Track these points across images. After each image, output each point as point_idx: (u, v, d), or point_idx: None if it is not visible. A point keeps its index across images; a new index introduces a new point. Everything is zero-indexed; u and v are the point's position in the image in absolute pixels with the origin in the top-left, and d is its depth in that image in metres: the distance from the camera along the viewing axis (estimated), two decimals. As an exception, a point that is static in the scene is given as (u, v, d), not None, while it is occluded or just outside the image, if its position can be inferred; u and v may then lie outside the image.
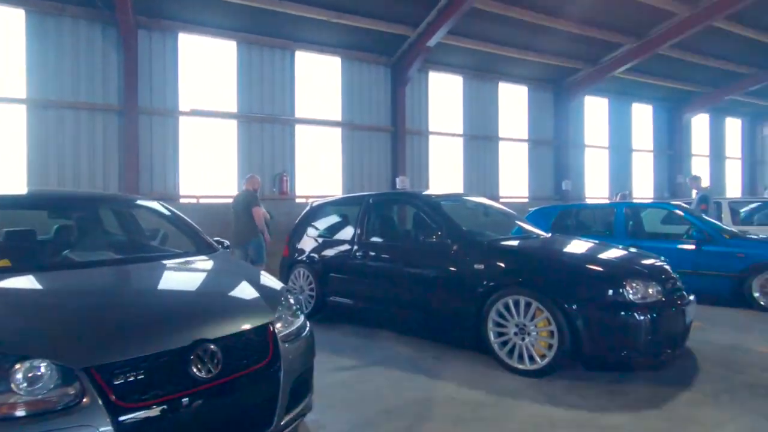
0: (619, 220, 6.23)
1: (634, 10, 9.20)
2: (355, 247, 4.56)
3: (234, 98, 8.47)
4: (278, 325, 2.22)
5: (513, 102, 11.83)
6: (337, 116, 9.52)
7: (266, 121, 8.68)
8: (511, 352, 3.29)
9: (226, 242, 3.37)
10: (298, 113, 9.06)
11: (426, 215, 4.08)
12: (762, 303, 5.12)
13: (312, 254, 5.08)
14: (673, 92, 13.72)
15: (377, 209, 4.77)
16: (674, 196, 13.85)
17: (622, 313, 2.92)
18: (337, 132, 9.55)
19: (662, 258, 3.74)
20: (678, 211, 5.88)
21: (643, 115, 14.35)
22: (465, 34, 9.47)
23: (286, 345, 2.18)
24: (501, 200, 11.31)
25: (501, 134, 11.51)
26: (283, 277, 5.44)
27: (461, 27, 9.16)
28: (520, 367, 3.22)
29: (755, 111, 16.33)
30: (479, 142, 11.17)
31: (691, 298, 3.41)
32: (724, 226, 6.04)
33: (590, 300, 3.00)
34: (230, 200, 8.54)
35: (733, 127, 16.77)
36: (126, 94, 7.37)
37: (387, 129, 9.92)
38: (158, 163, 7.77)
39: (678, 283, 3.42)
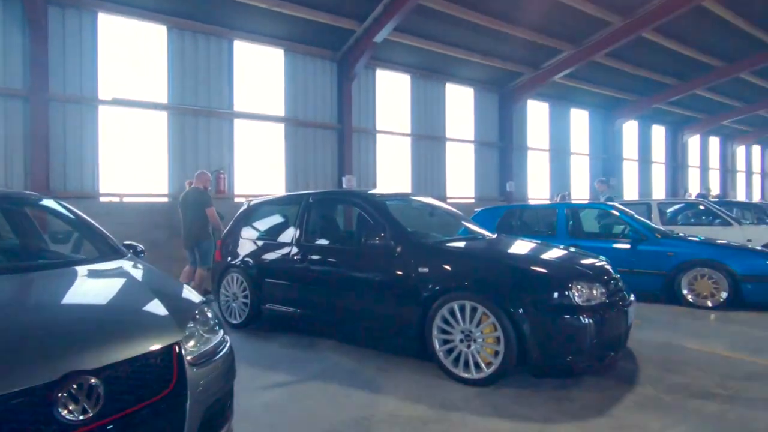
0: (560, 221, 6.33)
1: (574, 17, 9.53)
2: (294, 250, 4.22)
3: (164, 88, 7.76)
4: (189, 345, 1.87)
5: (460, 103, 11.92)
6: (280, 111, 9.05)
7: (201, 114, 8.04)
8: (456, 360, 3.12)
9: (140, 246, 2.94)
10: (238, 107, 8.50)
11: (368, 215, 3.82)
12: (690, 299, 5.37)
13: (246, 258, 4.66)
14: (607, 99, 14.50)
15: (318, 209, 4.45)
16: (608, 198, 14.63)
17: (568, 316, 2.82)
18: (280, 128, 9.08)
19: (603, 258, 3.74)
20: (614, 212, 6.06)
21: (580, 120, 15.05)
22: (412, 32, 9.35)
23: (195, 369, 1.83)
24: (448, 201, 11.34)
25: (448, 135, 11.55)
26: (216, 283, 4.97)
27: (408, 24, 9.03)
28: (466, 376, 3.05)
29: (677, 119, 17.70)
30: (427, 142, 11.13)
31: (632, 298, 3.41)
32: (657, 226, 6.32)
33: (536, 304, 2.88)
34: (161, 199, 7.93)
35: (658, 133, 18.08)
36: (33, 77, 6.49)
37: (333, 126, 9.58)
38: (73, 158, 6.93)
39: (620, 283, 3.41)
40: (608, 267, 3.49)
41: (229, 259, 4.85)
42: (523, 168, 13.20)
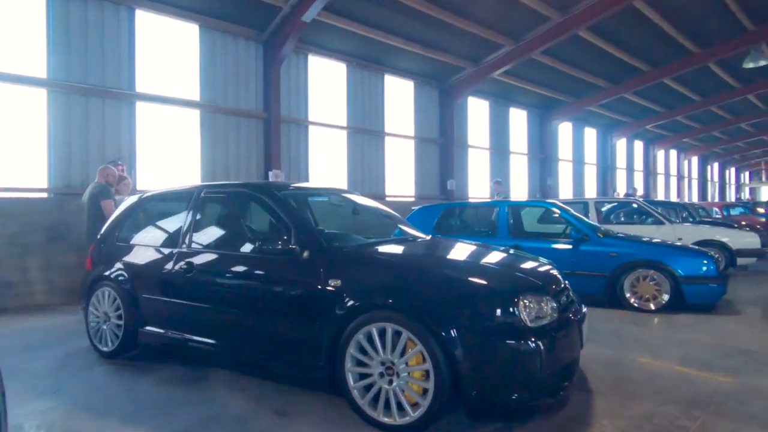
0: (501, 220, 5.87)
1: (514, 10, 9.26)
2: (180, 258, 3.30)
3: (43, 61, 6.40)
4: None
5: (399, 97, 11.34)
6: (195, 96, 7.93)
7: (93, 94, 6.75)
8: (376, 399, 2.41)
9: None
10: (141, 87, 7.27)
11: (270, 212, 3.01)
12: (633, 302, 5.08)
13: (122, 268, 3.66)
14: (544, 99, 14.63)
15: (211, 206, 3.57)
16: (545, 197, 14.80)
17: (514, 341, 2.21)
18: (195, 114, 7.95)
19: (548, 261, 3.22)
20: (555, 210, 5.70)
21: (519, 120, 15.09)
22: (348, 15, 8.60)
23: None
24: (387, 199, 10.72)
25: (387, 129, 10.92)
26: (84, 299, 3.91)
27: (344, 6, 8.27)
28: (387, 420, 2.35)
29: (607, 122, 18.42)
30: (364, 136, 10.42)
31: (584, 310, 2.90)
32: (599, 225, 6.05)
33: (474, 326, 2.24)
34: (39, 194, 6.56)
35: (590, 135, 18.73)
36: None
37: (259, 115, 8.59)
38: None
39: (570, 293, 2.88)
40: (556, 273, 2.96)
41: (102, 269, 3.81)
42: (464, 166, 12.91)
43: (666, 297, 4.94)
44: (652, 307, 4.98)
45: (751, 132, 23.63)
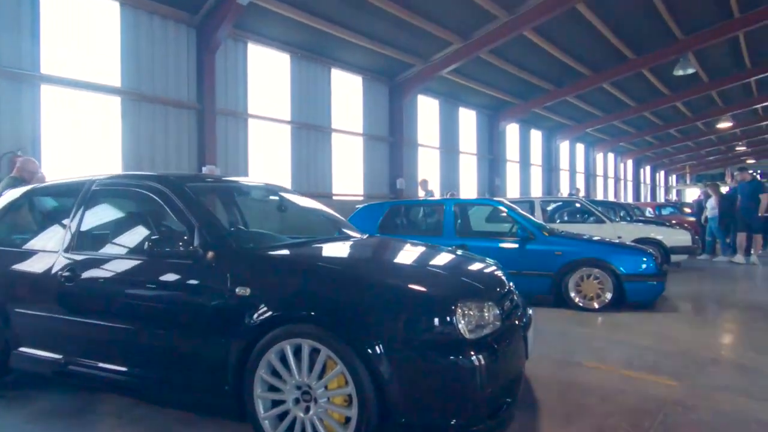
0: (448, 218, 5.64)
1: (462, 7, 9.17)
2: (62, 264, 2.72)
3: None
4: None
5: (347, 92, 10.95)
6: (116, 81, 7.11)
7: (-15, 74, 5.83)
8: (290, 430, 2.01)
9: None
10: (47, 69, 6.39)
11: (170, 207, 2.52)
12: (577, 302, 5.01)
13: (-9, 276, 3.00)
14: (493, 100, 14.80)
15: (107, 201, 3.00)
16: (493, 196, 14.97)
17: (451, 356, 1.89)
18: (116, 101, 7.14)
19: (494, 262, 2.96)
20: (502, 208, 5.54)
21: (468, 120, 15.17)
22: (290, 1, 8.10)
23: None
24: (335, 197, 10.30)
25: (334, 126, 10.49)
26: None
27: (284, -9, 7.78)
28: (303, 457, 1.96)
29: (552, 125, 19.04)
30: (310, 133, 9.93)
31: (530, 312, 2.66)
32: (545, 224, 5.97)
33: (405, 340, 1.90)
34: None
35: (536, 137, 19.27)
36: None
37: (191, 105, 7.89)
38: None
39: (515, 296, 2.63)
40: (501, 274, 2.69)
41: (-34, 278, 3.12)
42: (414, 165, 12.74)
43: (609, 296, 4.89)
44: (596, 305, 4.92)
45: (678, 138, 25.44)
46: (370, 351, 1.87)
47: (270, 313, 2.06)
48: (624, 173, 29.49)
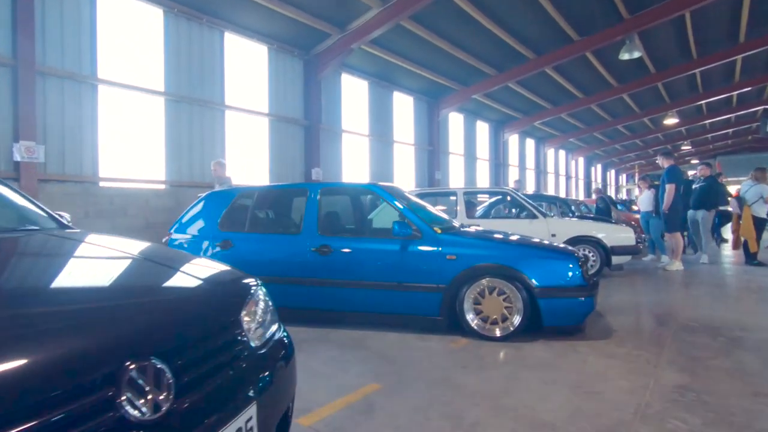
0: (310, 210, 4.03)
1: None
2: None
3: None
4: None
5: (248, 62, 9.16)
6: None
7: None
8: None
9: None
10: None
11: None
12: (475, 327, 3.53)
13: None
14: (432, 85, 13.39)
15: None
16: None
17: None
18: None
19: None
20: (374, 192, 3.99)
21: (405, 107, 13.71)
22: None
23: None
24: (234, 186, 8.47)
25: (228, 101, 8.67)
26: None
27: None
28: None
29: (499, 117, 17.94)
30: (193, 108, 8.06)
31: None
32: (439, 215, 4.46)
33: None
34: None
35: (483, 130, 18.11)
36: None
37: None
38: None
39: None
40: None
41: None
42: (336, 153, 11.11)
43: (517, 319, 3.44)
44: (498, 333, 3.46)
45: (627, 135, 25.18)
46: None
47: None
48: (576, 171, 29.14)
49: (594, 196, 14.07)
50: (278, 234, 4.12)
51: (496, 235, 4.09)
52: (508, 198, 7.45)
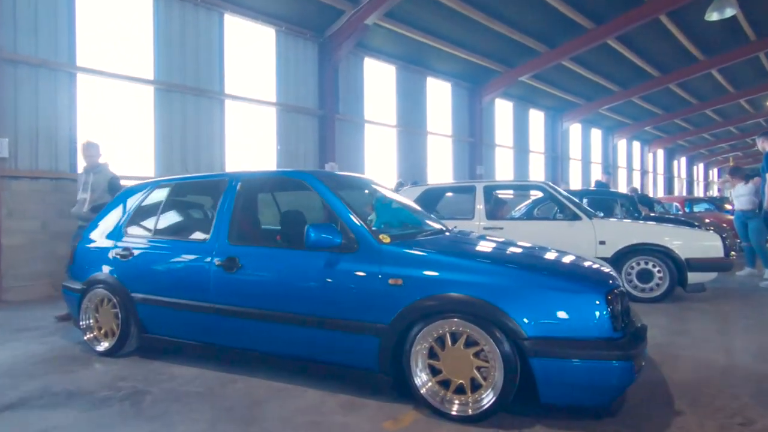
0: (223, 209, 2.93)
1: None
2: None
3: None
4: None
5: (252, 47, 8.35)
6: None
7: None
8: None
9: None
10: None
11: None
12: (425, 395, 2.21)
13: None
14: (472, 68, 11.80)
15: None
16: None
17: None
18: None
19: None
20: (306, 183, 2.78)
21: (441, 94, 12.26)
22: None
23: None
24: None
25: (228, 90, 7.88)
26: None
27: None
28: None
29: (556, 104, 15.81)
30: (188, 98, 7.34)
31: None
32: (424, 217, 3.14)
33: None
34: None
35: (537, 119, 16.06)
36: None
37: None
38: None
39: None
40: None
41: None
42: (358, 146, 10.00)
43: (490, 394, 2.07)
44: (470, 411, 2.11)
45: (718, 121, 21.49)
46: None
47: None
48: (653, 165, 25.58)
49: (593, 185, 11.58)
50: (183, 241, 3.07)
51: (482, 247, 2.71)
52: (543, 194, 5.86)
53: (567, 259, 2.61)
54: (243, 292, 2.68)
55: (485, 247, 2.77)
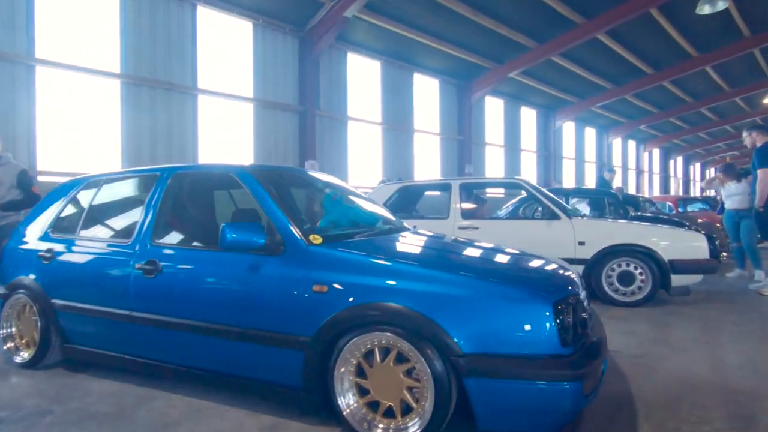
0: (150, 207, 2.65)
1: None
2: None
3: None
4: None
5: (228, 41, 8.07)
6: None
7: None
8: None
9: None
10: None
11: None
12: (349, 417, 1.93)
13: None
14: (460, 64, 11.57)
15: None
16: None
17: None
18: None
19: None
20: (237, 179, 2.49)
21: (428, 90, 12.00)
22: None
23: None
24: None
25: (201, 85, 7.60)
26: None
27: None
28: None
29: (548, 102, 15.56)
30: (158, 93, 7.07)
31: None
32: (381, 215, 2.86)
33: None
34: None
35: (529, 117, 15.81)
36: None
37: None
38: None
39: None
40: None
41: None
42: (341, 143, 9.74)
43: (417, 423, 1.79)
44: (384, 442, 1.84)
45: (714, 120, 21.26)
46: None
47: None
48: (649, 165, 25.35)
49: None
50: (105, 242, 2.79)
51: (429, 249, 2.43)
52: (523, 193, 5.60)
53: (522, 263, 2.34)
54: (162, 299, 2.40)
55: (433, 249, 2.49)
